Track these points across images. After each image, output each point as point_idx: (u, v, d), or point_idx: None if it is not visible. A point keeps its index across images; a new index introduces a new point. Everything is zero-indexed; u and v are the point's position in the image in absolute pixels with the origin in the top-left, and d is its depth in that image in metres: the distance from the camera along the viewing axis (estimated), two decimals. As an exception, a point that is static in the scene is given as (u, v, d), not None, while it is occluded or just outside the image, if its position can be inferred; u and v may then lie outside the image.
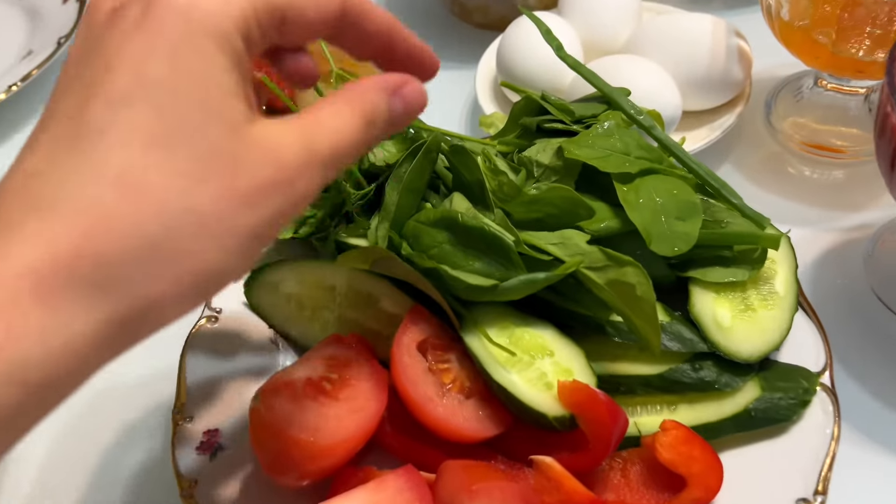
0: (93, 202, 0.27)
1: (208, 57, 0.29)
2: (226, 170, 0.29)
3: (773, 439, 0.49)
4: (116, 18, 0.30)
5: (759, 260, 0.53)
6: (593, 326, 0.52)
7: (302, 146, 0.31)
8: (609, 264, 0.48)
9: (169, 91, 0.28)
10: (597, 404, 0.45)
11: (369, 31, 0.36)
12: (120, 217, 0.27)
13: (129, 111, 0.28)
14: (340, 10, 0.34)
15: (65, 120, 0.29)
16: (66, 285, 0.26)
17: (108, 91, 0.28)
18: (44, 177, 0.27)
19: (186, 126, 0.28)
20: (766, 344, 0.51)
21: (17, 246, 0.26)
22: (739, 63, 0.69)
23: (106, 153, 0.27)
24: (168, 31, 0.29)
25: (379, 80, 0.35)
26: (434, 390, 0.49)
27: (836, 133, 0.71)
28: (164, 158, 0.28)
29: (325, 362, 0.50)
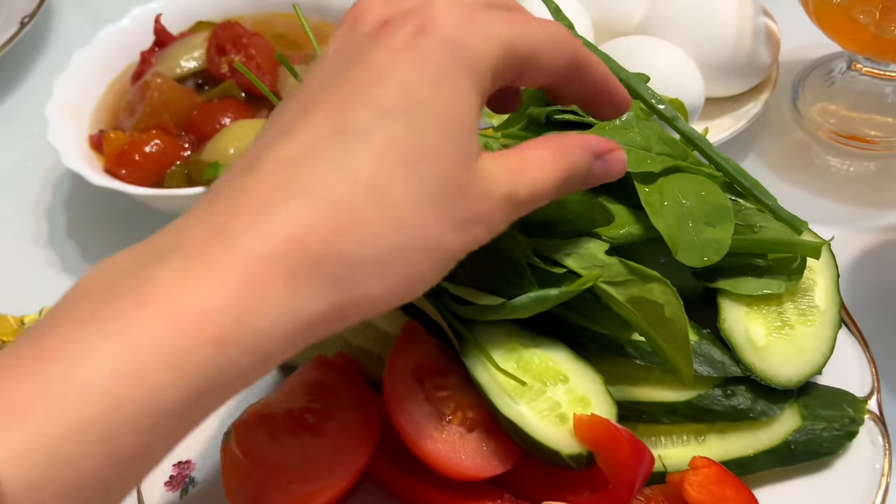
0: (345, 202, 0.29)
1: (463, 90, 0.32)
2: (454, 196, 0.31)
3: (815, 475, 0.44)
4: (385, 34, 0.32)
5: (798, 270, 0.47)
6: (611, 346, 0.46)
7: (507, 187, 0.34)
8: (631, 279, 0.42)
9: (428, 114, 0.31)
10: (618, 442, 0.40)
11: (588, 81, 0.38)
12: (366, 222, 0.29)
13: (392, 123, 0.30)
14: (570, 61, 0.37)
15: (327, 116, 0.31)
16: (311, 274, 0.28)
17: (375, 100, 0.31)
18: (302, 166, 0.29)
19: (435, 150, 0.31)
20: (806, 366, 0.45)
21: (274, 227, 0.28)
22: (767, 45, 0.62)
23: (363, 158, 0.30)
24: (435, 60, 0.31)
25: (588, 142, 0.37)
26: (432, 423, 0.43)
27: (869, 122, 0.65)
28: (411, 175, 0.30)
29: (308, 389, 0.44)
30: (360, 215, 0.29)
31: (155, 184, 0.61)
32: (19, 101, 0.81)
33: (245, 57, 0.66)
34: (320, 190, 0.29)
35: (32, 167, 0.74)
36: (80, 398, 0.24)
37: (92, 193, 0.67)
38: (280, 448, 0.41)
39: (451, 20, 0.32)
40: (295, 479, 0.40)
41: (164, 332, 0.25)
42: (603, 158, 0.38)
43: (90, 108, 0.68)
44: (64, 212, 0.71)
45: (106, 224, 0.68)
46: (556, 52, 0.36)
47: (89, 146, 0.64)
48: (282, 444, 0.41)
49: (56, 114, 0.64)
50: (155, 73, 0.65)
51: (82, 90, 0.68)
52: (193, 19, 0.73)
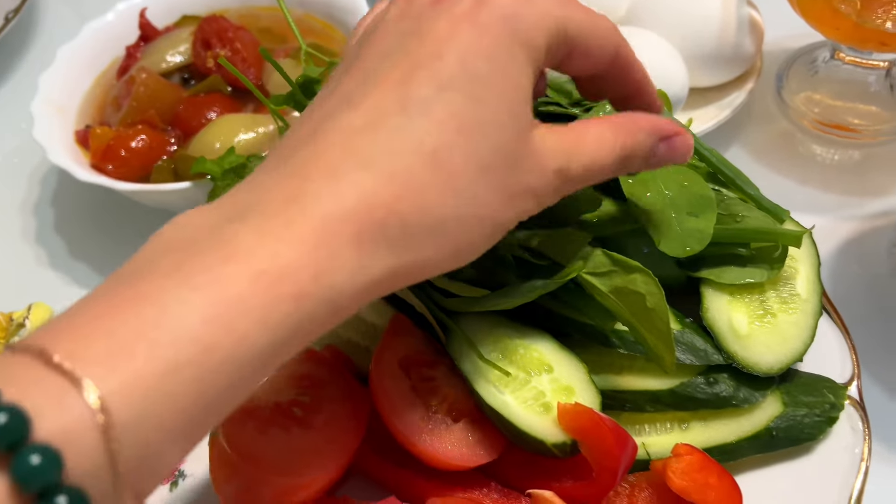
0: (406, 171, 0.31)
1: (519, 64, 0.33)
2: (508, 168, 0.33)
3: (797, 460, 0.44)
4: (445, 2, 0.33)
5: (780, 259, 0.47)
6: (595, 336, 0.47)
7: (562, 162, 0.34)
8: (614, 270, 0.43)
9: (487, 86, 0.32)
10: (601, 431, 0.40)
11: (629, 80, 0.39)
12: (426, 191, 0.31)
13: (452, 94, 0.31)
14: (614, 54, 0.37)
15: (390, 88, 0.32)
16: (375, 237, 0.30)
17: (436, 72, 0.32)
18: (367, 137, 0.31)
19: (493, 121, 0.32)
20: (788, 354, 0.45)
21: (343, 193, 0.30)
22: (750, 35, 0.63)
23: (425, 129, 0.31)
24: (494, 32, 0.32)
25: (654, 123, 0.37)
26: (419, 414, 0.43)
27: (853, 110, 0.65)
28: (469, 144, 0.32)
29: (296, 383, 0.45)
30: (420, 184, 0.31)
31: (141, 178, 0.61)
32: (4, 97, 0.81)
33: (230, 51, 0.66)
34: (384, 160, 0.30)
35: (19, 163, 0.74)
36: (173, 344, 0.26)
37: (79, 189, 0.67)
38: (268, 441, 0.41)
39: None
40: (283, 471, 0.40)
41: (247, 286, 0.27)
42: (668, 141, 0.38)
43: (76, 104, 0.68)
44: (51, 207, 0.71)
45: (93, 219, 0.68)
46: (603, 42, 0.36)
47: (75, 141, 0.64)
48: (270, 437, 0.41)
49: (41, 110, 0.64)
50: (140, 67, 0.65)
51: (68, 85, 0.67)
52: (178, 13, 0.73)
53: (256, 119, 0.62)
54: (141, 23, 0.70)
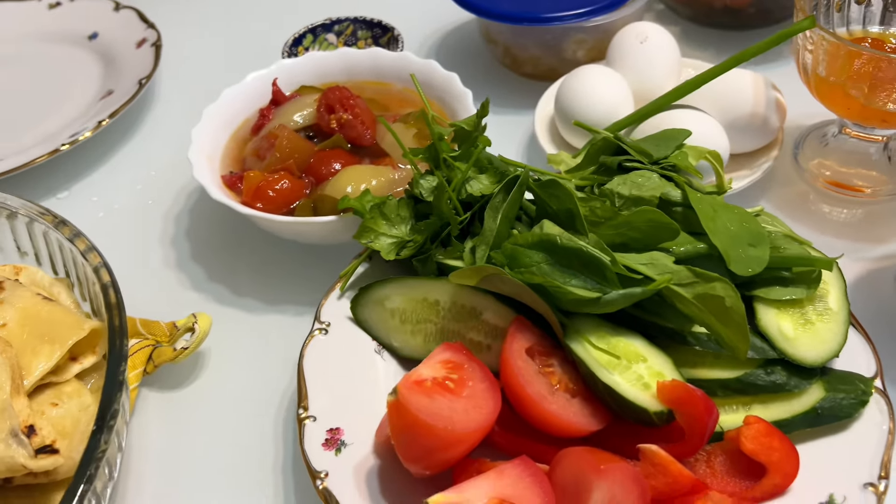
0: None
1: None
2: None
3: (838, 434, 0.56)
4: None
5: (816, 280, 0.61)
6: (675, 337, 0.59)
7: None
8: (697, 280, 0.56)
9: None
10: (694, 399, 0.52)
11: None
12: None
13: None
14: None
15: None
16: None
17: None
18: None
19: None
20: (827, 351, 0.58)
21: None
22: (776, 112, 0.78)
23: None
24: None
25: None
26: (546, 390, 0.55)
27: (857, 175, 0.80)
28: None
29: (444, 365, 0.56)
30: None
31: (284, 214, 0.74)
32: (137, 141, 0.96)
33: (352, 115, 0.80)
34: None
35: (153, 204, 0.87)
36: None
37: (217, 222, 0.81)
38: (434, 404, 0.52)
39: None
40: (448, 423, 0.51)
41: None
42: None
43: (219, 153, 0.81)
44: (192, 240, 0.83)
45: (234, 245, 0.81)
46: None
47: (223, 184, 0.77)
48: (435, 401, 0.53)
49: (196, 158, 0.77)
50: (281, 125, 0.79)
51: (212, 138, 0.81)
52: (297, 84, 0.88)
53: (377, 169, 0.76)
54: (273, 90, 0.84)
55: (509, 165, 0.68)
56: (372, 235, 0.67)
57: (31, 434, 0.55)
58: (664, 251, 0.60)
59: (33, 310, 0.63)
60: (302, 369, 0.62)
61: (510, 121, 0.93)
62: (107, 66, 1.04)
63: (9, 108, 1.01)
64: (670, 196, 0.64)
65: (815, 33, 0.70)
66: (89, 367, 0.64)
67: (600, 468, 0.48)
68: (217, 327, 0.72)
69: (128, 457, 0.65)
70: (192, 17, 1.18)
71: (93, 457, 0.52)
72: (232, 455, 0.65)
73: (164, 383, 0.70)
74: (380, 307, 0.65)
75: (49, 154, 0.87)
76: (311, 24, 1.02)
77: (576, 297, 0.56)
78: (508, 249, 0.61)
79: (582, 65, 0.85)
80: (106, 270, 0.64)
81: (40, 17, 1.13)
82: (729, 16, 0.99)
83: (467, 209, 0.67)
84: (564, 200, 0.63)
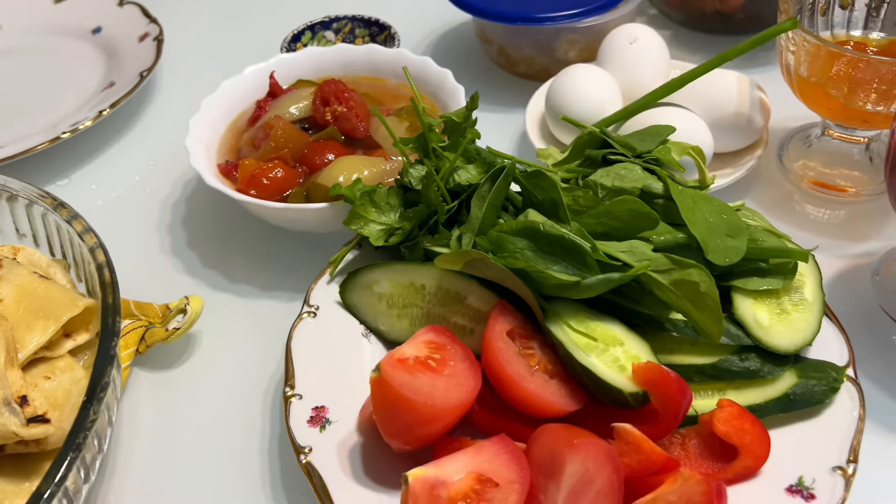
0: None
1: None
2: None
3: (809, 420, 0.58)
4: None
5: (792, 271, 0.62)
6: (653, 323, 0.61)
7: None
8: (673, 267, 0.58)
9: None
10: (668, 381, 0.54)
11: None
12: None
13: None
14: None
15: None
16: None
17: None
18: None
19: None
20: (801, 340, 0.60)
21: None
22: (760, 112, 0.80)
23: None
24: None
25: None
26: (525, 369, 0.57)
27: (840, 175, 0.82)
28: None
29: (427, 345, 0.58)
30: None
31: (278, 202, 0.75)
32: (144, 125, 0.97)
33: (346, 108, 0.82)
34: None
35: (152, 192, 0.89)
36: None
37: (212, 208, 0.82)
38: (416, 380, 0.54)
39: None
40: (429, 399, 0.53)
41: None
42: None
43: (215, 143, 0.83)
44: (187, 227, 0.85)
45: (229, 232, 0.83)
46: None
47: (219, 172, 0.79)
48: (417, 378, 0.54)
49: (193, 146, 0.79)
50: (276, 116, 0.81)
51: (209, 128, 0.83)
52: (294, 78, 0.90)
53: (369, 160, 0.78)
54: (271, 83, 0.86)
55: (497, 157, 0.70)
56: (361, 222, 0.68)
57: (24, 404, 0.57)
58: (644, 240, 0.61)
59: (30, 287, 0.65)
60: (290, 349, 0.63)
61: (503, 119, 0.95)
62: (109, 59, 1.06)
63: (13, 97, 1.04)
64: (652, 188, 0.66)
65: (798, 34, 0.72)
66: (83, 344, 0.65)
67: (573, 442, 0.50)
68: (210, 312, 0.73)
69: (118, 432, 0.66)
70: (194, 14, 1.20)
71: (82, 426, 0.53)
72: (220, 432, 0.66)
73: (155, 363, 0.72)
74: (368, 291, 0.66)
75: (50, 141, 0.89)
76: (310, 21, 1.04)
77: (557, 281, 0.58)
78: (493, 236, 0.63)
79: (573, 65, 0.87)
80: (101, 251, 0.66)
81: (46, 11, 1.15)
82: (719, 21, 1.01)
83: (455, 198, 0.68)
84: (549, 190, 0.64)
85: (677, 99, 0.79)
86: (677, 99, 0.79)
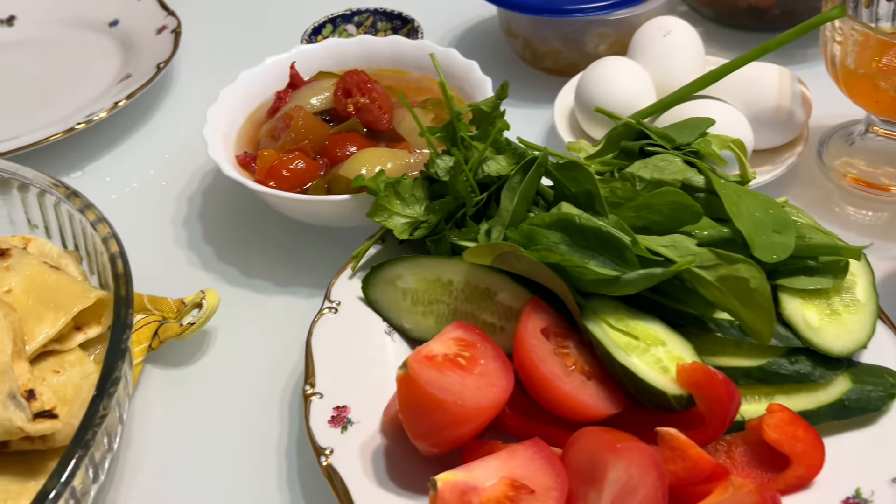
0: None
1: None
2: None
3: (865, 428, 0.54)
4: None
5: (843, 270, 0.59)
6: (696, 323, 0.57)
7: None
8: (720, 263, 0.54)
9: None
10: (715, 383, 0.50)
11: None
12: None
13: None
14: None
15: None
16: None
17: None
18: None
19: None
20: (854, 342, 0.56)
21: None
22: (802, 107, 0.76)
23: None
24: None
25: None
26: (560, 369, 0.53)
27: (884, 173, 0.78)
28: None
29: (456, 342, 0.55)
30: None
31: (298, 194, 0.72)
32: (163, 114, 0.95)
33: (369, 99, 0.79)
34: None
35: (188, 183, 0.87)
36: None
37: (229, 199, 0.80)
38: (446, 379, 0.51)
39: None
40: (459, 399, 0.50)
41: None
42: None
43: (234, 134, 0.80)
44: (203, 219, 0.82)
45: (246, 226, 0.80)
46: None
47: (237, 164, 0.76)
48: (447, 377, 0.51)
49: (211, 136, 0.76)
50: (297, 106, 0.78)
51: (228, 118, 0.80)
52: (316, 69, 0.87)
53: (393, 152, 0.75)
54: (291, 73, 0.84)
55: (528, 148, 0.67)
56: (385, 214, 0.65)
57: (31, 398, 0.54)
58: (686, 235, 0.58)
59: (39, 277, 0.62)
60: (310, 346, 0.60)
61: (529, 114, 0.92)
62: (126, 52, 1.04)
63: (29, 89, 1.02)
64: (693, 181, 0.62)
65: (845, 23, 0.69)
66: (94, 337, 0.62)
67: (617, 447, 0.46)
68: (226, 307, 0.70)
69: (129, 431, 0.63)
70: (213, 6, 1.18)
71: (91, 422, 0.50)
72: (236, 432, 0.63)
73: (169, 360, 0.69)
74: (391, 287, 0.63)
75: (64, 132, 0.86)
76: (331, 14, 1.02)
77: (595, 276, 0.55)
78: (525, 229, 0.60)
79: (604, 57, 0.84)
80: (115, 241, 0.63)
81: (64, 3, 1.13)
82: (753, 17, 0.98)
83: (483, 190, 0.65)
84: (584, 182, 0.61)
85: (714, 92, 0.76)
86: (714, 92, 0.76)
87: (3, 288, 0.60)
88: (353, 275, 0.66)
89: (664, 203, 0.58)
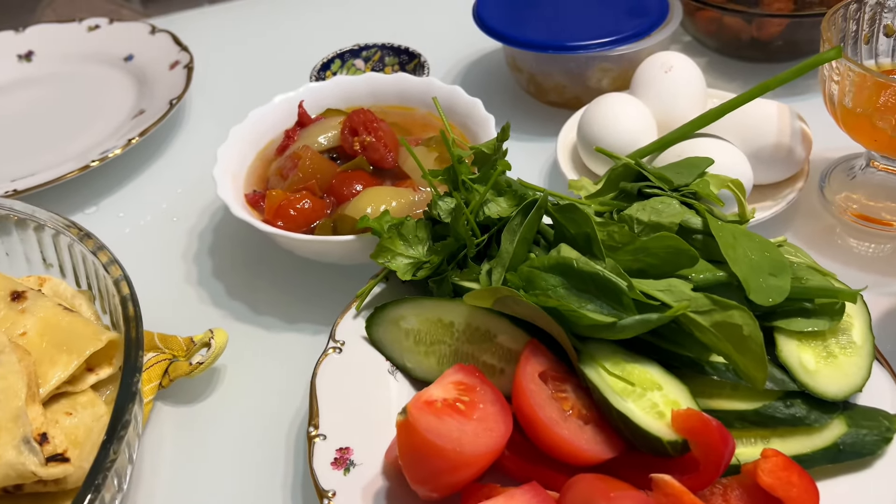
0: None
1: None
2: None
3: (860, 472, 0.54)
4: None
5: (839, 312, 0.59)
6: (692, 366, 0.58)
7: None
8: (714, 308, 0.55)
9: None
10: (710, 430, 0.51)
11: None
12: None
13: None
14: None
15: None
16: None
17: None
18: None
19: None
20: (850, 385, 0.57)
21: None
22: (802, 143, 0.77)
23: None
24: None
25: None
26: (559, 415, 0.54)
27: (885, 208, 0.79)
28: None
29: (456, 386, 0.56)
30: None
31: (305, 233, 0.74)
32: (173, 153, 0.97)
33: (375, 138, 0.80)
34: None
35: (199, 219, 0.89)
36: None
37: (237, 238, 0.81)
38: (445, 425, 0.52)
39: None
40: (458, 446, 0.51)
41: None
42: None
43: (243, 172, 0.82)
44: (213, 256, 0.84)
45: (255, 262, 0.82)
46: None
47: (246, 202, 0.78)
48: (445, 423, 0.52)
49: (221, 176, 0.78)
50: (305, 146, 0.80)
51: (238, 156, 0.82)
52: (323, 107, 0.89)
53: (397, 191, 0.76)
54: (299, 112, 0.86)
55: (528, 189, 0.68)
56: (389, 255, 0.67)
57: (44, 442, 0.56)
58: (682, 278, 0.59)
59: (53, 320, 0.64)
60: (314, 387, 0.62)
61: (534, 147, 0.93)
62: (140, 87, 1.07)
63: (45, 125, 1.04)
64: (690, 223, 0.63)
65: (842, 64, 0.69)
66: (105, 378, 0.64)
67: (610, 496, 0.47)
68: (234, 344, 0.72)
69: (139, 469, 0.65)
70: (224, 41, 1.21)
71: (101, 466, 0.52)
72: (243, 472, 0.64)
73: (179, 398, 0.70)
74: (394, 327, 0.65)
75: (80, 170, 0.89)
76: (340, 49, 1.04)
77: (591, 321, 0.56)
78: (524, 272, 0.61)
79: (606, 93, 0.85)
80: (126, 283, 0.65)
81: (80, 38, 1.16)
82: (756, 48, 0.99)
83: (485, 232, 0.67)
84: (582, 224, 0.62)
85: (714, 129, 0.77)
86: (714, 129, 0.77)
87: (19, 331, 0.62)
88: (357, 314, 0.67)
89: (661, 247, 0.59)
